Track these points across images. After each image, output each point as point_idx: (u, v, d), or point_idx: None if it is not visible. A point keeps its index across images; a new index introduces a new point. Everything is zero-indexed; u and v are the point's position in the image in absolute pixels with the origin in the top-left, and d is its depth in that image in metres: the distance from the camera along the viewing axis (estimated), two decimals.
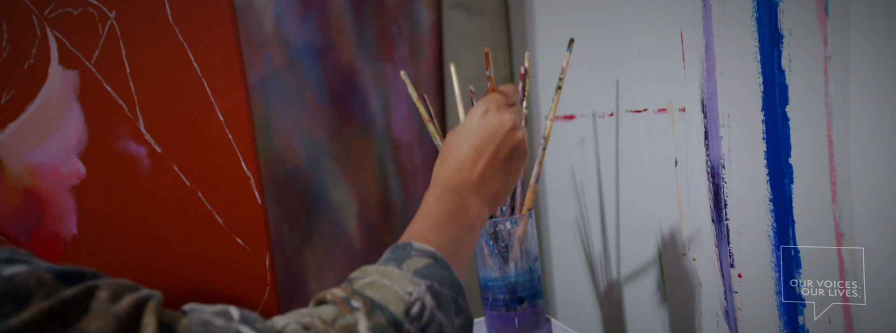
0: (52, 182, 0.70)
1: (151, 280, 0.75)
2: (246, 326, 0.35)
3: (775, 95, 0.52)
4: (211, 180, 0.78)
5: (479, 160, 0.54)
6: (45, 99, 0.69)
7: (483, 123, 0.55)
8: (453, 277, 0.47)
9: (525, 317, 0.73)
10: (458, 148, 0.55)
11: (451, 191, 0.53)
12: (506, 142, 0.54)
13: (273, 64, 1.02)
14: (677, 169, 0.68)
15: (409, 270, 0.44)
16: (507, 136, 0.54)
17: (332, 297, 0.41)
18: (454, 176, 0.54)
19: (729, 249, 0.59)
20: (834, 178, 0.48)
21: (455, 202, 0.52)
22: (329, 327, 0.38)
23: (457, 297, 0.46)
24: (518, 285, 0.73)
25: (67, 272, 0.31)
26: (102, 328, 0.30)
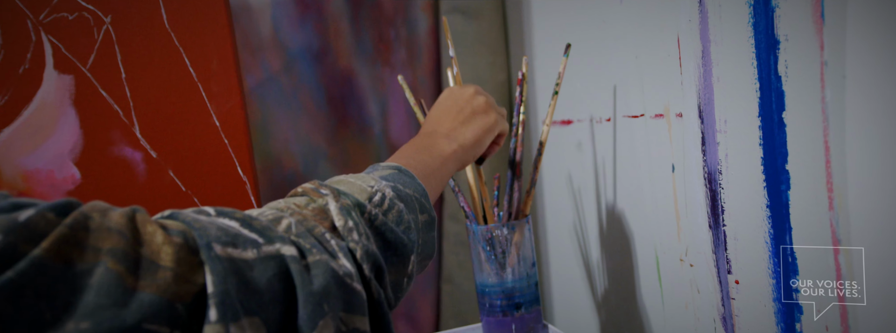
0: (46, 187, 0.70)
1: None
2: (225, 218, 0.39)
3: (772, 101, 0.52)
4: (207, 185, 0.77)
5: (445, 117, 0.63)
6: (40, 104, 0.69)
7: (449, 94, 0.66)
8: (416, 182, 0.52)
9: (522, 323, 0.73)
10: (430, 113, 0.65)
11: (421, 136, 0.62)
12: (468, 103, 0.64)
13: (270, 68, 1.02)
14: (674, 174, 0.68)
15: (374, 175, 0.50)
16: (469, 99, 0.65)
17: (302, 189, 0.46)
18: (425, 129, 0.63)
19: (726, 255, 0.59)
20: (831, 185, 0.48)
21: (425, 141, 0.60)
22: (303, 209, 0.43)
23: (421, 198, 0.51)
24: (515, 291, 0.73)
25: (59, 205, 0.33)
26: (115, 244, 0.33)
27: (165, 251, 0.34)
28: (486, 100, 0.65)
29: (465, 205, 0.76)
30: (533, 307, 0.74)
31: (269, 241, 0.38)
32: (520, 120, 0.76)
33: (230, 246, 0.36)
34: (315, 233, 0.41)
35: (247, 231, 0.38)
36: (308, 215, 0.43)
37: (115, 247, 0.33)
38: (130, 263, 0.33)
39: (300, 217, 0.42)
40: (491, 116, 0.65)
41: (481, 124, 0.64)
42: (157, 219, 0.38)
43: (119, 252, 0.33)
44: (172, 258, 0.34)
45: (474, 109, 0.64)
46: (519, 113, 0.76)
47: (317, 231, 0.41)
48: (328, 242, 0.41)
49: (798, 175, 0.51)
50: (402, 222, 0.47)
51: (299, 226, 0.40)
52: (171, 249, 0.34)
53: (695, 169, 0.63)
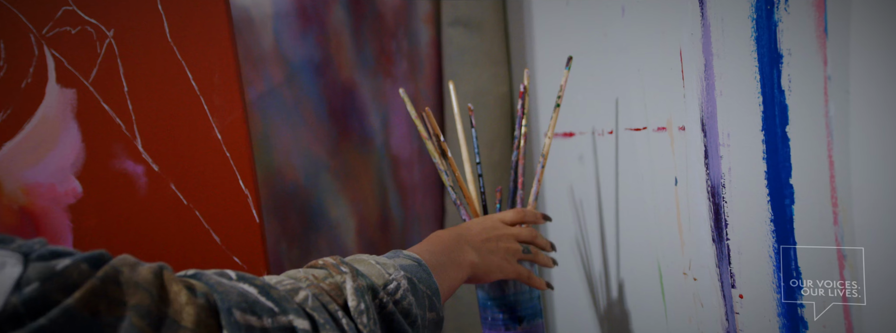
0: (48, 201, 0.69)
1: None
2: (245, 284, 0.40)
3: (775, 115, 0.52)
4: (208, 198, 0.77)
5: (481, 233, 0.67)
6: (43, 117, 0.69)
7: (495, 223, 0.70)
8: (432, 280, 0.53)
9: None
10: (468, 224, 0.69)
11: (453, 238, 0.63)
12: (500, 232, 0.68)
13: (272, 80, 1.02)
14: (677, 187, 0.67)
15: (394, 262, 0.51)
16: (502, 230, 0.69)
17: (323, 262, 0.48)
18: (460, 233, 0.66)
19: (730, 269, 0.59)
20: (835, 199, 0.48)
21: (453, 243, 0.62)
22: (320, 282, 0.45)
23: (432, 297, 0.52)
24: (517, 304, 0.72)
25: (93, 257, 0.35)
26: (140, 301, 0.34)
27: (187, 311, 0.35)
28: (507, 248, 0.68)
29: (466, 218, 0.76)
30: (535, 320, 0.73)
31: (283, 312, 0.39)
32: (521, 132, 0.76)
33: (248, 312, 0.38)
34: (329, 309, 0.42)
35: (264, 299, 0.39)
36: (325, 289, 0.44)
37: (140, 304, 0.34)
38: (154, 320, 0.34)
39: (317, 290, 0.43)
40: (508, 262, 0.67)
41: (500, 262, 0.66)
42: (181, 277, 0.39)
43: (144, 308, 0.34)
44: (194, 319, 0.35)
45: (498, 248, 0.67)
46: (520, 125, 0.76)
47: (331, 307, 0.42)
48: (340, 320, 0.42)
49: (802, 189, 0.51)
50: (409, 315, 0.48)
51: (315, 300, 0.42)
52: (193, 310, 0.36)
53: (698, 182, 0.63)
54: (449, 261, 0.59)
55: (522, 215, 0.72)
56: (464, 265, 0.61)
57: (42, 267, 0.32)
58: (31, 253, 0.33)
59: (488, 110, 1.03)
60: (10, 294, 0.31)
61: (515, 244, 0.69)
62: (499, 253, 0.66)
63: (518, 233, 0.70)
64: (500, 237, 0.68)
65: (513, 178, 0.76)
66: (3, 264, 0.31)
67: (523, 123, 0.76)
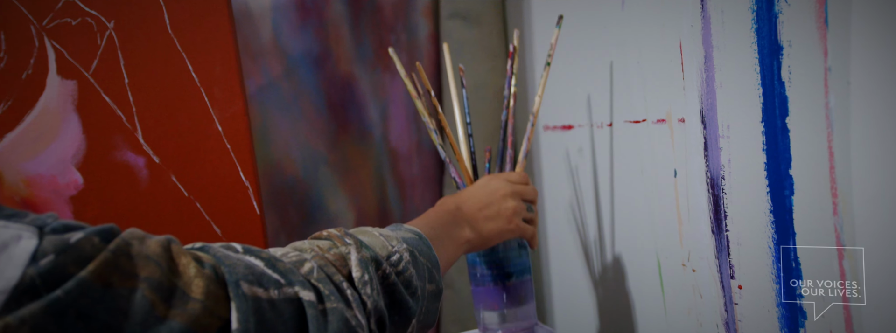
0: (49, 192, 0.69)
1: None
2: (251, 256, 0.41)
3: (775, 106, 0.52)
4: (209, 190, 0.77)
5: (475, 202, 0.66)
6: (43, 109, 0.69)
7: (486, 183, 0.69)
8: (432, 253, 0.54)
9: (513, 292, 0.72)
10: (468, 193, 0.68)
11: (450, 213, 0.64)
12: (497, 203, 0.67)
13: (271, 73, 1.02)
14: (676, 179, 0.68)
15: (397, 234, 0.52)
16: (500, 200, 0.67)
17: (328, 234, 0.49)
18: (456, 201, 0.66)
19: (729, 260, 0.59)
20: (835, 190, 0.48)
21: (450, 217, 0.63)
22: (325, 253, 0.45)
23: (432, 269, 0.53)
24: (506, 261, 0.72)
25: (103, 230, 0.36)
26: (151, 273, 0.35)
27: (197, 284, 0.36)
28: (514, 207, 0.68)
29: (456, 177, 0.76)
30: (524, 276, 0.73)
31: (289, 284, 0.40)
32: (511, 92, 0.76)
33: (255, 284, 0.38)
34: (335, 280, 0.43)
35: (271, 271, 0.40)
36: (330, 260, 0.45)
37: (151, 276, 0.35)
38: (164, 292, 0.35)
39: (323, 261, 0.44)
40: (512, 224, 0.67)
41: (500, 227, 0.66)
42: (188, 250, 0.40)
43: (155, 280, 0.35)
44: (203, 291, 0.36)
45: (500, 211, 0.67)
46: (510, 85, 0.77)
47: (336, 278, 0.43)
48: (345, 291, 0.43)
49: (802, 180, 0.51)
50: (411, 286, 0.49)
51: (320, 272, 0.43)
52: (202, 282, 0.36)
53: (697, 174, 0.63)
54: (447, 236, 0.60)
55: (524, 176, 0.72)
56: (460, 241, 0.62)
57: (56, 240, 0.33)
58: (44, 226, 0.34)
59: (487, 103, 1.03)
60: (27, 266, 0.31)
61: (522, 202, 0.69)
62: (501, 218, 0.66)
63: (524, 191, 0.70)
64: (506, 196, 0.68)
65: (502, 137, 0.76)
66: (19, 237, 0.32)
67: (513, 83, 0.76)
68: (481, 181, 0.70)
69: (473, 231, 0.64)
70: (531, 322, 0.74)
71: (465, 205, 0.66)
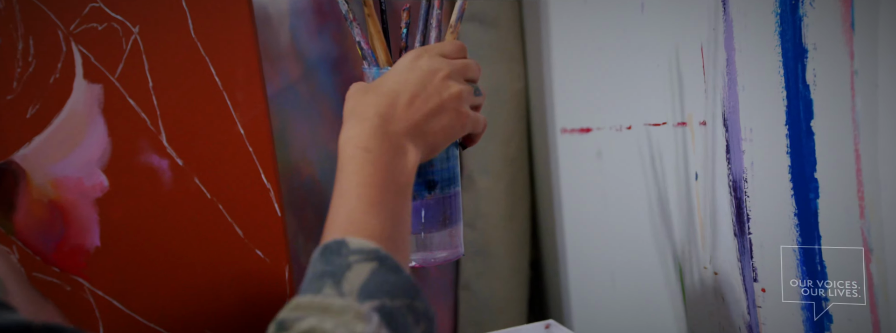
0: (75, 194, 0.70)
1: (173, 291, 0.75)
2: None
3: (799, 110, 0.52)
4: (231, 192, 0.78)
5: (406, 97, 0.47)
6: (71, 112, 0.70)
7: (413, 65, 0.49)
8: (403, 278, 0.40)
9: (436, 209, 0.54)
10: (385, 83, 0.48)
11: (380, 135, 0.45)
12: (437, 91, 0.48)
13: (289, 76, 1.03)
14: (698, 182, 0.68)
15: (351, 293, 0.38)
16: (440, 85, 0.48)
17: None
18: (385, 111, 0.46)
19: (752, 263, 0.59)
20: (862, 193, 0.48)
21: (387, 152, 0.44)
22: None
23: (412, 302, 0.40)
24: (427, 165, 0.54)
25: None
26: None
27: None
28: (459, 92, 0.49)
29: (361, 40, 0.58)
30: (450, 188, 0.55)
31: None
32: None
33: None
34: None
35: None
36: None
37: None
38: None
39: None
40: (462, 115, 0.49)
41: (451, 122, 0.49)
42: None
43: None
44: None
45: (443, 101, 0.48)
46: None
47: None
48: None
49: (827, 183, 0.51)
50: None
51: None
52: None
53: (719, 177, 0.63)
54: (397, 197, 0.44)
55: (461, 46, 0.53)
56: (410, 179, 0.46)
57: None
58: None
59: (504, 106, 1.03)
60: None
61: (465, 84, 0.51)
62: (448, 111, 0.48)
63: (465, 67, 0.52)
64: (447, 78, 0.49)
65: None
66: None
67: None
68: (404, 60, 0.50)
69: (417, 141, 0.47)
70: (456, 252, 0.57)
71: (394, 104, 0.46)
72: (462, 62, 0.52)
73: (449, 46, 0.52)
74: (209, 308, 0.77)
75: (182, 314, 0.75)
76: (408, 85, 0.48)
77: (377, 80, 0.50)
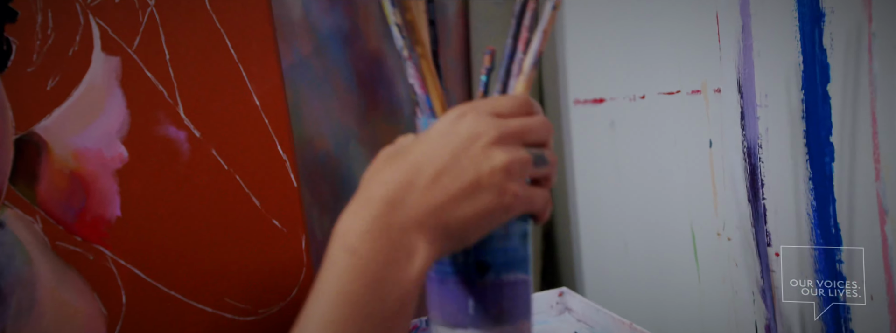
0: (96, 166, 0.71)
1: (192, 260, 0.76)
2: None
3: (816, 74, 0.53)
4: (248, 163, 0.79)
5: (437, 179, 0.36)
6: (89, 85, 0.71)
7: (451, 128, 0.38)
8: None
9: (489, 300, 0.41)
10: (411, 152, 0.37)
11: (377, 229, 0.35)
12: (473, 163, 0.36)
13: (301, 51, 1.03)
14: (711, 150, 0.68)
15: None
16: (477, 155, 0.37)
17: None
18: (394, 195, 0.36)
19: (765, 228, 0.60)
20: (878, 156, 0.48)
21: (382, 255, 0.34)
22: None
23: None
24: (483, 240, 0.40)
25: None
26: None
27: None
28: (506, 163, 0.37)
29: (416, 82, 0.45)
30: (514, 272, 0.41)
31: None
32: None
33: None
34: None
35: None
36: None
37: None
38: None
39: None
40: (506, 196, 0.37)
41: (484, 206, 0.37)
42: None
43: None
44: None
45: (481, 176, 0.37)
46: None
47: None
48: None
49: (842, 147, 0.51)
50: None
51: None
52: None
53: (733, 144, 0.64)
54: (383, 321, 0.34)
55: (525, 101, 0.41)
56: (409, 280, 0.35)
57: None
58: None
59: None
60: None
61: (521, 151, 0.38)
62: (483, 192, 0.36)
63: (523, 129, 0.39)
64: (489, 145, 0.37)
65: (514, 31, 0.46)
66: None
67: None
68: (443, 120, 0.39)
69: (434, 233, 0.36)
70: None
71: (414, 182, 0.36)
72: (520, 122, 0.39)
73: (506, 102, 0.40)
74: (228, 277, 0.78)
75: (202, 282, 0.77)
76: (436, 156, 0.37)
77: (409, 145, 0.39)
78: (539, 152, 0.40)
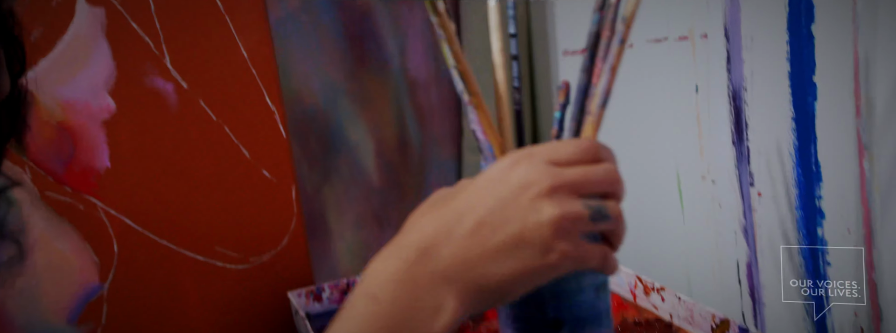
0: (84, 117, 0.71)
1: (183, 209, 0.77)
2: None
3: (801, 14, 0.53)
4: (236, 115, 0.79)
5: (478, 229, 0.33)
6: (74, 36, 0.70)
7: (503, 175, 0.35)
8: None
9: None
10: (457, 198, 0.35)
11: (406, 278, 0.33)
12: (519, 215, 0.33)
13: (288, 5, 1.02)
14: (697, 95, 0.69)
15: None
16: (524, 207, 0.33)
17: None
18: (430, 243, 0.34)
19: (749, 169, 0.61)
20: (858, 92, 0.49)
21: (405, 305, 0.33)
22: None
23: None
24: (557, 293, 0.37)
25: None
26: None
27: None
28: (556, 218, 0.33)
29: (477, 128, 0.41)
30: (589, 328, 0.38)
31: None
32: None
33: None
34: None
35: None
36: None
37: None
38: None
39: None
40: (552, 255, 0.34)
41: (523, 265, 0.34)
42: None
43: None
44: None
45: (525, 230, 0.33)
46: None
47: None
48: None
49: (825, 86, 0.52)
50: None
51: None
52: None
53: (719, 88, 0.64)
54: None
55: (589, 147, 0.38)
56: (434, 331, 0.33)
57: None
58: None
59: None
60: None
61: (576, 205, 0.34)
62: (525, 248, 0.33)
63: (582, 180, 0.35)
64: (538, 198, 0.34)
65: (587, 64, 0.42)
66: None
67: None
68: (498, 165, 0.36)
69: (465, 288, 0.33)
70: None
71: (453, 231, 0.34)
72: (580, 172, 0.35)
73: (567, 148, 0.36)
74: (219, 227, 0.79)
75: (193, 231, 0.78)
76: (480, 205, 0.34)
77: (458, 190, 0.36)
78: (599, 205, 0.35)
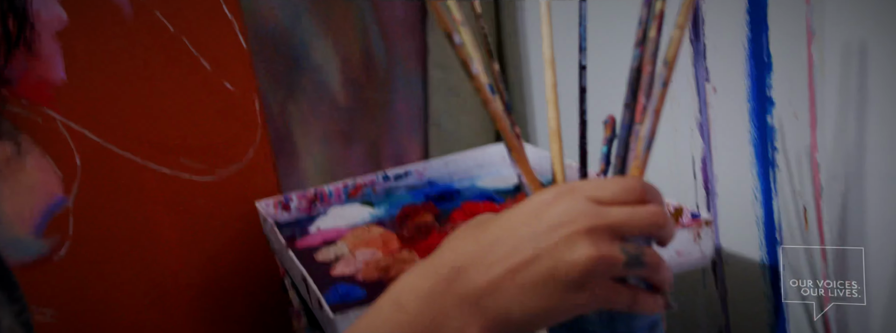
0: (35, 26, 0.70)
1: (145, 120, 0.76)
2: None
3: None
4: (195, 26, 0.78)
5: (506, 258, 0.34)
6: None
7: (542, 210, 0.35)
8: None
9: None
10: (494, 224, 0.36)
11: (433, 295, 0.34)
12: (552, 252, 0.33)
13: None
14: None
15: None
16: (559, 244, 0.33)
17: None
18: (462, 265, 0.34)
19: (705, 64, 0.62)
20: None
21: (426, 319, 0.34)
22: None
23: None
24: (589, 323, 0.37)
25: None
26: None
27: None
28: (589, 259, 0.33)
29: (519, 172, 0.42)
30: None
31: None
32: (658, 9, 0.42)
33: None
34: None
35: None
36: None
37: None
38: None
39: None
40: (581, 295, 0.34)
41: (547, 304, 0.34)
42: None
43: None
44: None
45: (555, 269, 0.33)
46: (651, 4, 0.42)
47: None
48: None
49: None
50: None
51: None
52: None
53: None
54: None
55: (635, 187, 0.36)
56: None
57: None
58: None
59: None
60: None
61: (613, 247, 0.34)
62: (554, 285, 0.33)
63: (625, 220, 0.34)
64: (575, 236, 0.33)
65: (628, 101, 0.41)
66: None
67: None
68: (538, 197, 0.36)
69: (485, 315, 0.34)
70: None
71: (484, 257, 0.34)
72: (623, 213, 0.34)
73: (611, 187, 0.35)
74: (183, 138, 0.79)
75: (156, 143, 0.77)
76: (515, 235, 0.34)
77: (499, 216, 0.36)
78: (637, 253, 0.34)
